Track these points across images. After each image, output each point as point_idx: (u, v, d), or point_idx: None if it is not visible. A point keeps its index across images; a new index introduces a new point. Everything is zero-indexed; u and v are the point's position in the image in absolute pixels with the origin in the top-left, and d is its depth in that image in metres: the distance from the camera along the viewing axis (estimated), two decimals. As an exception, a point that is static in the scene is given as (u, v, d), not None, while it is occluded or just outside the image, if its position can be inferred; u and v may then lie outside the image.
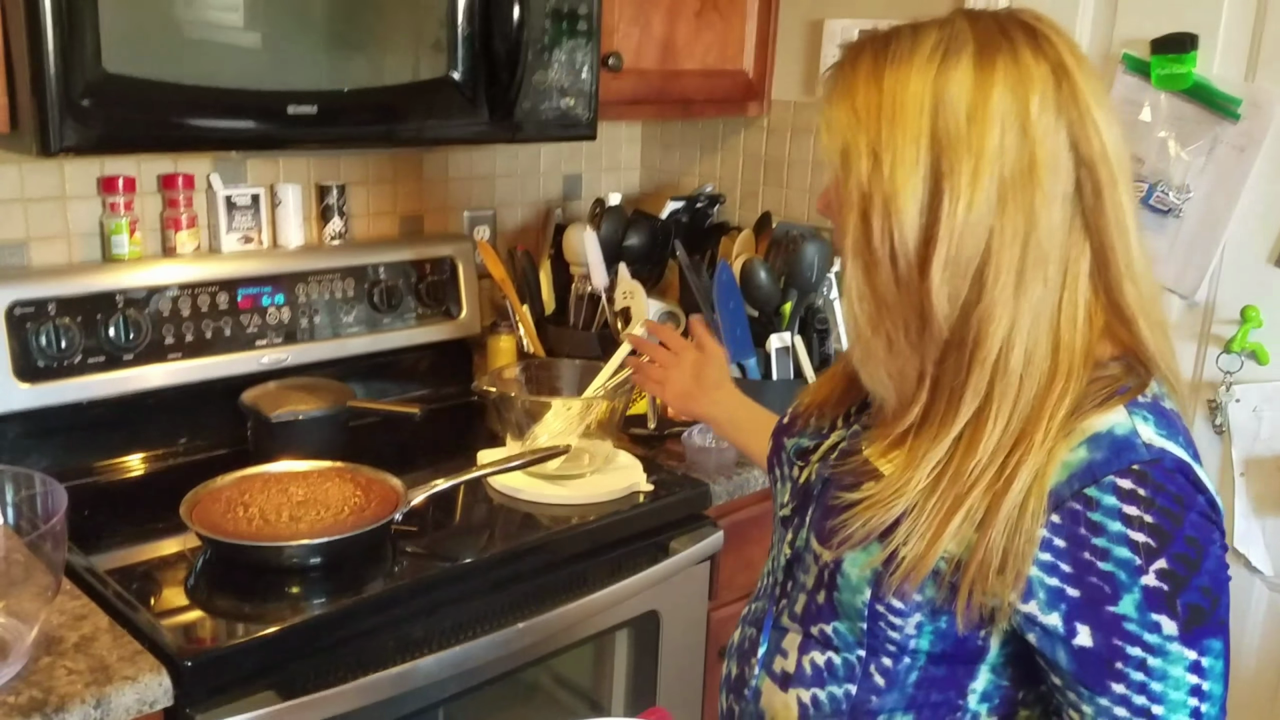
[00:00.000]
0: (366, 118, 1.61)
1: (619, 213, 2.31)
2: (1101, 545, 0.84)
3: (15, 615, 1.25)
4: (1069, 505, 0.85)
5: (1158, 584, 0.84)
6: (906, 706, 0.97)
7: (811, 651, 1.00)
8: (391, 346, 2.07)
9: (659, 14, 2.02)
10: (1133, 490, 0.84)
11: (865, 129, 0.88)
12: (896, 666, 0.96)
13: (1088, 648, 0.86)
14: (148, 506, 1.64)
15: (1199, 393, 1.77)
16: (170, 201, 1.86)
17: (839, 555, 0.95)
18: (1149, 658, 0.85)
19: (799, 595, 1.02)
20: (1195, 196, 1.72)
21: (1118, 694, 0.86)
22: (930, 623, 0.92)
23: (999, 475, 0.87)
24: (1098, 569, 0.85)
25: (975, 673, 0.95)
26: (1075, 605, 0.86)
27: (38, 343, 1.67)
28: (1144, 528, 0.84)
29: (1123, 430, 0.86)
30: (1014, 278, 0.86)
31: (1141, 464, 0.85)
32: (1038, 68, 0.86)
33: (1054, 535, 0.85)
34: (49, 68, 1.31)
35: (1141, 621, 0.84)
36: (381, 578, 1.49)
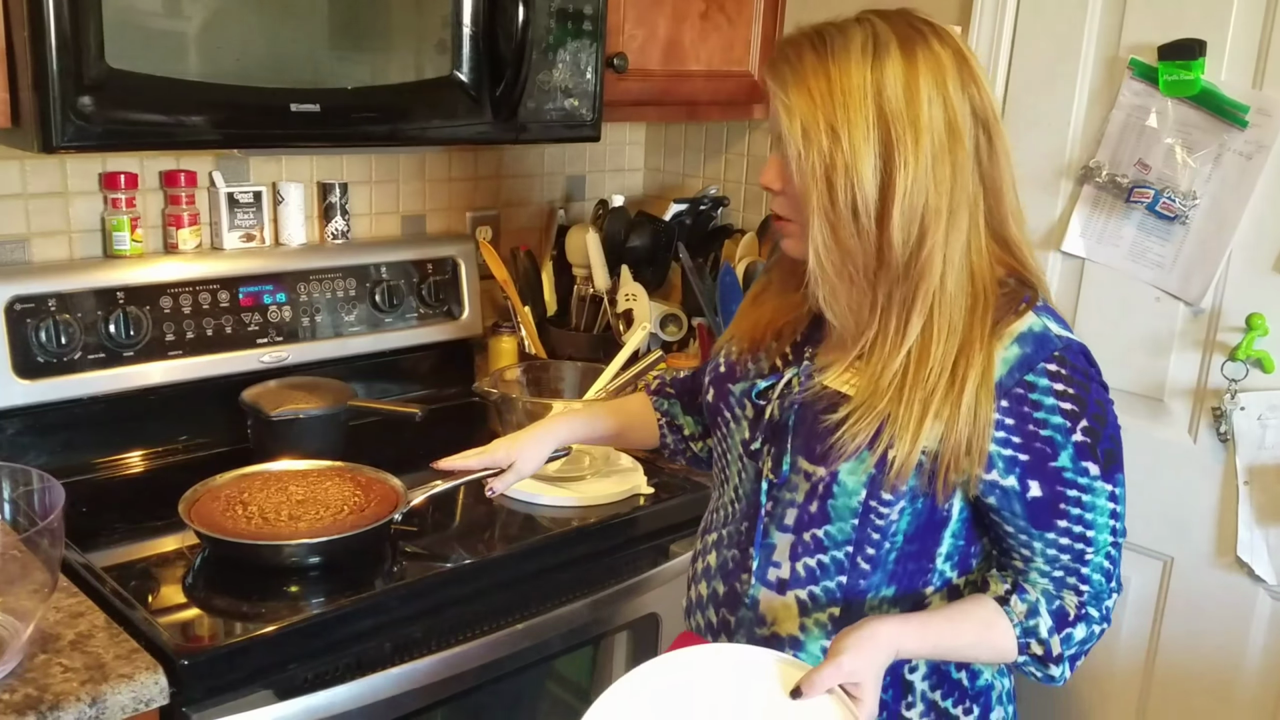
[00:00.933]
0: (370, 117, 1.61)
1: (622, 214, 2.31)
2: (1041, 417, 1.11)
3: (11, 612, 1.25)
4: (1014, 391, 1.11)
5: (1083, 439, 1.12)
6: (888, 582, 1.19)
7: (803, 557, 1.20)
8: (393, 346, 2.06)
9: (664, 15, 2.02)
10: (1057, 371, 1.11)
11: (822, 111, 1.08)
12: (879, 552, 1.17)
13: (1038, 497, 1.13)
14: (146, 504, 1.63)
15: (1204, 401, 1.76)
16: (172, 199, 1.85)
17: (834, 469, 1.15)
18: (1082, 495, 1.13)
19: (787, 510, 1.21)
20: (1202, 203, 1.72)
21: (1061, 528, 1.14)
22: (910, 506, 1.15)
23: (952, 380, 1.10)
24: (1040, 436, 1.11)
25: (940, 540, 1.19)
26: (1026, 466, 1.12)
27: (38, 339, 1.66)
28: (1068, 398, 1.11)
29: (1038, 328, 1.13)
30: (946, 220, 1.10)
31: (1059, 351, 1.12)
32: (945, 54, 1.10)
33: (1004, 416, 1.11)
34: (51, 63, 1.31)
35: (1075, 469, 1.12)
36: (381, 578, 1.48)
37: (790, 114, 1.10)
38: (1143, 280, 1.79)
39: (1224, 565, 1.77)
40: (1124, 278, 1.81)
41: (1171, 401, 1.79)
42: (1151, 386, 1.81)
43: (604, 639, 1.73)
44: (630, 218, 2.32)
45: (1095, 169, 1.81)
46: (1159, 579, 1.85)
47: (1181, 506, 1.79)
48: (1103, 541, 1.16)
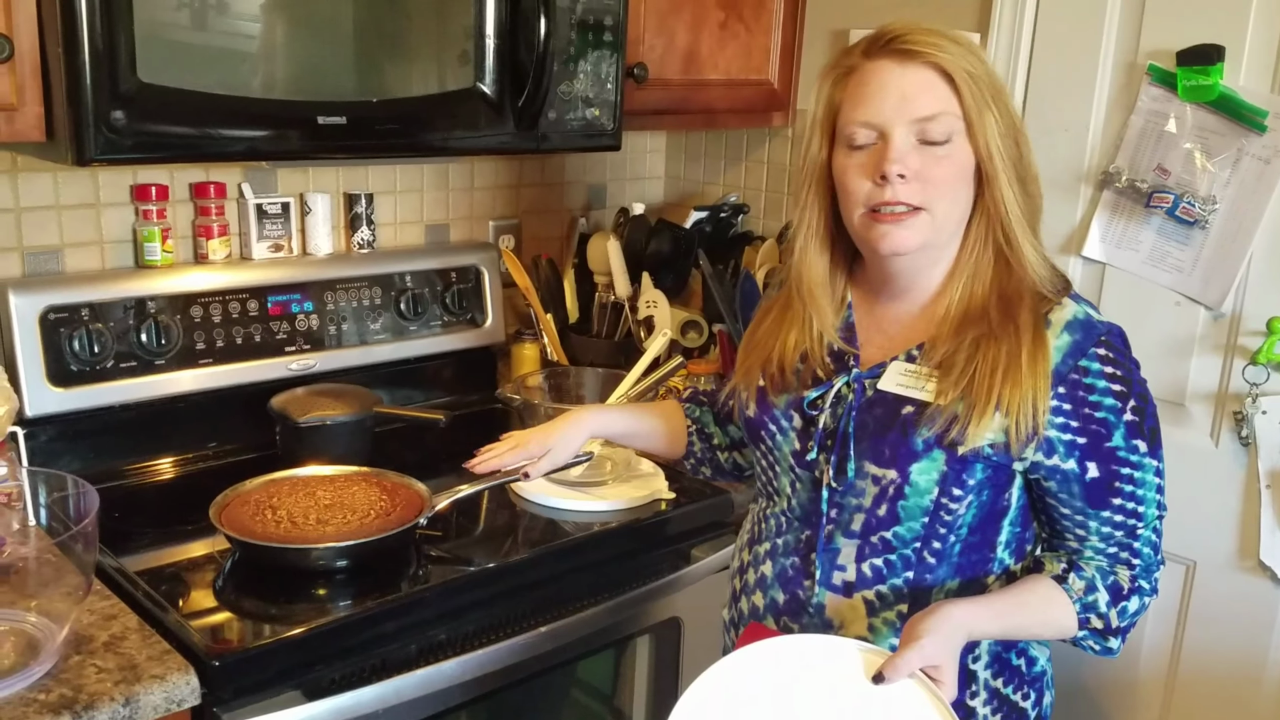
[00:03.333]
0: (395, 129, 1.63)
1: (643, 222, 2.32)
2: (1095, 400, 1.16)
3: (46, 614, 1.28)
4: (1070, 377, 1.16)
5: (1133, 418, 1.17)
6: (953, 574, 1.23)
7: (870, 558, 1.23)
8: (417, 354, 2.08)
9: (684, 25, 2.03)
10: (1106, 354, 1.17)
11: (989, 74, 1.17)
12: (944, 546, 1.21)
13: (1095, 478, 1.18)
14: (177, 509, 1.66)
15: (1225, 404, 1.76)
16: (202, 210, 1.89)
17: (906, 470, 1.18)
18: (1134, 473, 1.19)
19: (853, 516, 1.23)
20: (1221, 208, 1.71)
21: (1116, 505, 1.19)
22: (976, 499, 1.20)
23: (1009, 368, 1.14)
24: (1095, 418, 1.16)
25: (1000, 529, 1.23)
26: (1084, 449, 1.17)
27: (71, 347, 1.70)
28: (1117, 380, 1.17)
29: (1082, 315, 1.19)
30: None
31: (1105, 335, 1.18)
32: None
33: (1062, 402, 1.16)
34: (85, 78, 1.34)
35: (1128, 448, 1.18)
36: (406, 581, 1.50)
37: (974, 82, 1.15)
38: (1163, 285, 1.79)
39: (1247, 569, 1.76)
40: (1144, 282, 1.81)
41: (1193, 406, 1.79)
42: (1173, 391, 1.81)
43: (626, 643, 1.75)
44: (651, 225, 2.33)
45: (1114, 174, 1.82)
46: (1181, 584, 1.84)
47: (1203, 511, 1.79)
48: (1150, 516, 1.21)
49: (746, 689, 1.10)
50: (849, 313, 1.30)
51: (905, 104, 1.15)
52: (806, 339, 1.28)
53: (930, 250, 1.20)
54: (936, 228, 1.18)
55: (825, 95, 1.22)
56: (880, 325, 1.28)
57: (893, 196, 1.15)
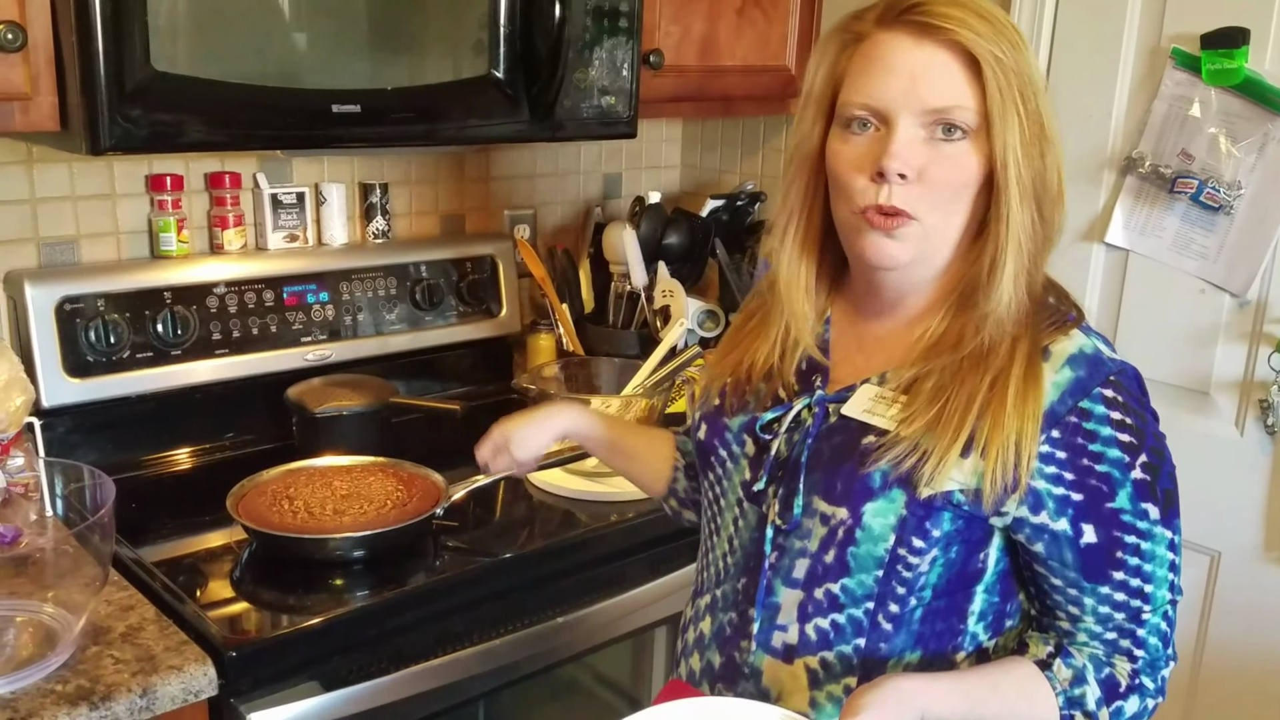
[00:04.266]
0: (409, 117, 1.62)
1: (659, 211, 2.31)
2: (1097, 450, 0.96)
3: (64, 605, 1.28)
4: (1067, 420, 0.96)
5: (1142, 476, 0.97)
6: (914, 645, 1.03)
7: (814, 618, 1.04)
8: (433, 344, 2.08)
9: (700, 11, 2.02)
10: (1114, 398, 0.97)
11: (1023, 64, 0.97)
12: (903, 610, 1.02)
13: (1093, 544, 0.97)
14: (194, 500, 1.66)
15: (1250, 393, 1.73)
16: (217, 200, 1.88)
17: (859, 510, 0.99)
18: (1142, 543, 0.98)
19: (796, 561, 1.04)
20: (1246, 193, 1.69)
21: (1118, 580, 0.99)
22: (943, 555, 1.00)
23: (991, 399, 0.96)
24: (1096, 472, 0.96)
25: (973, 596, 1.03)
26: (1080, 507, 0.97)
27: (87, 338, 1.70)
28: (1126, 429, 0.97)
29: (1090, 349, 0.99)
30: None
31: (1114, 374, 0.98)
32: None
33: (1055, 449, 0.96)
34: (98, 67, 1.33)
35: (1134, 511, 0.97)
36: (423, 571, 1.50)
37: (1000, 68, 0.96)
38: (1187, 272, 1.77)
39: (1273, 559, 1.74)
40: (1168, 269, 1.79)
41: (1217, 394, 1.77)
42: (1197, 379, 1.78)
43: (642, 634, 1.74)
44: (667, 214, 2.32)
45: (1138, 160, 1.79)
46: (1206, 575, 1.82)
47: (1228, 500, 1.77)
48: (1161, 599, 1.00)
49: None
50: (826, 328, 1.11)
51: (915, 89, 0.96)
52: (776, 352, 1.10)
53: (922, 264, 1.01)
54: (930, 240, 0.99)
55: (828, 63, 1.03)
56: (860, 344, 1.09)
57: (888, 199, 0.97)
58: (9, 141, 1.66)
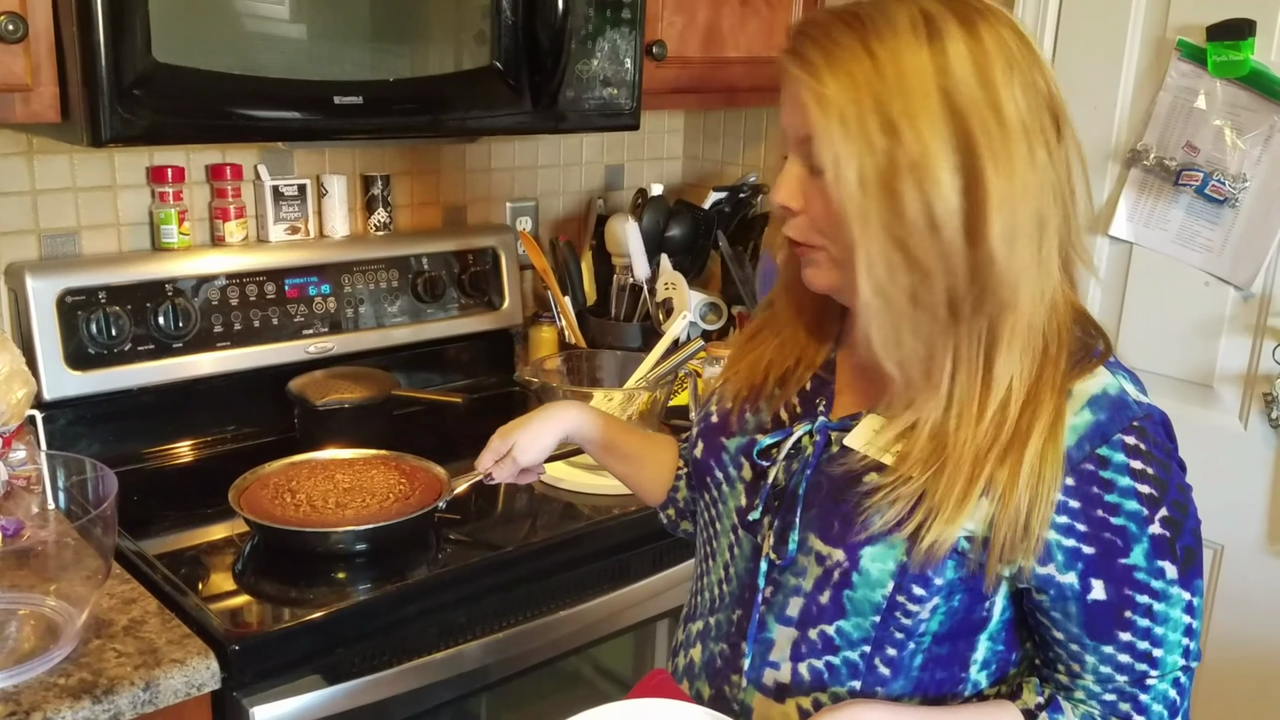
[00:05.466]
0: (411, 108, 1.62)
1: (661, 203, 2.30)
2: (1113, 501, 0.89)
3: (66, 598, 1.27)
4: (1083, 467, 0.89)
5: (1162, 531, 0.90)
6: (913, 691, 0.98)
7: (809, 658, 0.99)
8: (434, 336, 2.08)
9: (703, 2, 2.00)
10: (1136, 445, 0.90)
11: (871, 100, 0.85)
12: (902, 654, 0.97)
13: (1101, 600, 0.91)
14: (196, 492, 1.66)
15: (1254, 386, 1.73)
16: (218, 192, 1.88)
17: (856, 553, 0.94)
18: (1155, 603, 0.91)
19: (790, 599, 1.00)
20: (1252, 186, 1.69)
21: (1124, 641, 0.92)
22: (945, 604, 0.94)
23: (1011, 445, 0.88)
24: (1111, 524, 0.89)
25: (976, 644, 0.98)
26: (1091, 561, 0.90)
27: (88, 330, 1.69)
28: (1147, 479, 0.89)
29: (1114, 390, 0.91)
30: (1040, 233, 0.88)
31: (1139, 420, 0.90)
32: (1008, 34, 0.88)
33: (1068, 498, 0.89)
34: (100, 58, 1.33)
35: (1150, 569, 0.90)
36: (425, 564, 1.50)
37: (825, 106, 0.86)
38: (1192, 264, 1.76)
39: (1276, 552, 1.74)
40: (1172, 262, 1.78)
41: (1221, 387, 1.77)
42: (1201, 372, 1.78)
43: (645, 627, 1.74)
44: (669, 206, 2.31)
45: (1143, 152, 1.79)
46: (1209, 568, 1.82)
47: (1232, 494, 1.77)
48: (1171, 664, 0.93)
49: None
50: (833, 350, 1.06)
51: (788, 122, 0.92)
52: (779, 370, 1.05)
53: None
54: (850, 265, 0.89)
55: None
56: (864, 370, 1.00)
57: (788, 230, 0.95)
58: (10, 133, 1.66)
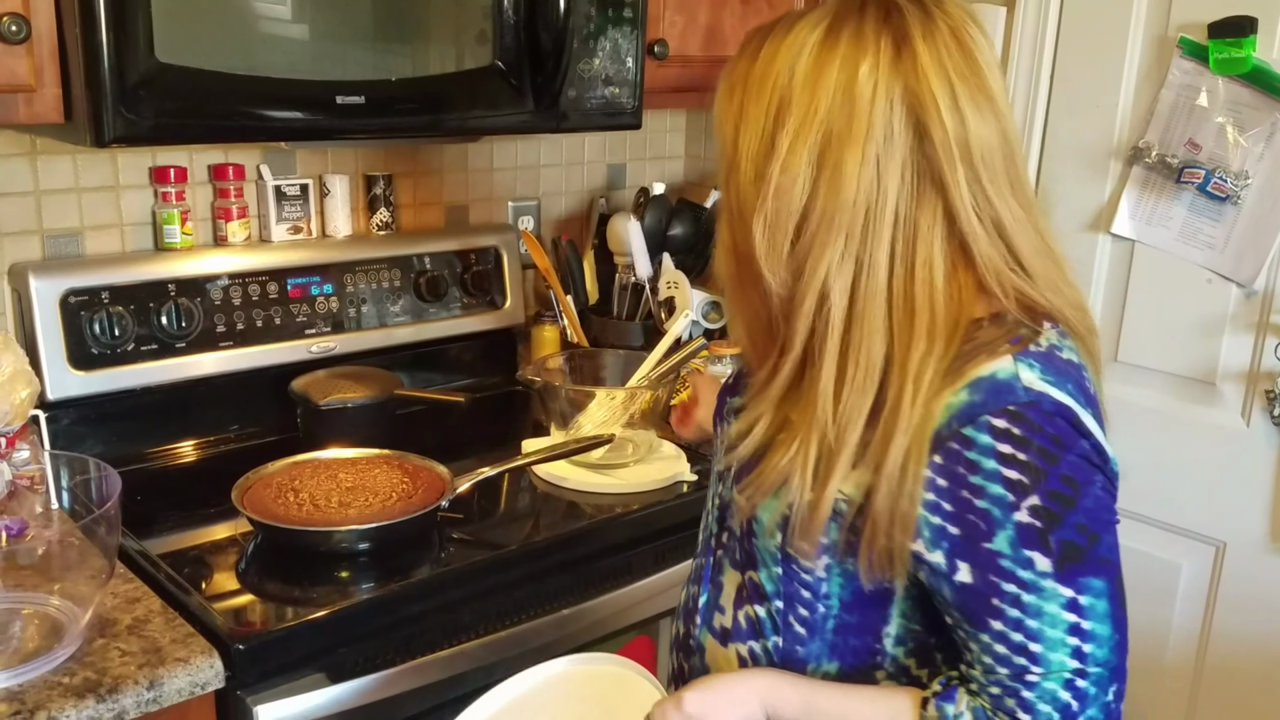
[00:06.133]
0: (413, 107, 1.62)
1: (663, 202, 2.30)
2: (977, 483, 0.88)
3: (70, 598, 1.28)
4: (949, 445, 0.89)
5: (1030, 520, 0.88)
6: (830, 655, 1.01)
7: (745, 606, 1.05)
8: (437, 336, 2.08)
9: (705, 1, 2.01)
10: (1007, 429, 0.88)
11: (733, 96, 0.95)
12: (813, 616, 1.00)
13: (967, 584, 0.90)
14: (199, 492, 1.66)
15: (1256, 383, 1.73)
16: (221, 192, 1.88)
17: (753, 501, 1.00)
18: (1023, 594, 0.89)
19: (735, 544, 1.07)
20: (1254, 183, 1.69)
21: (996, 630, 0.90)
22: (838, 565, 0.97)
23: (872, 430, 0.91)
24: (975, 506, 0.89)
25: (887, 617, 0.99)
26: (956, 542, 0.90)
27: (91, 330, 1.69)
28: (1017, 465, 0.87)
29: (1005, 375, 0.90)
30: (828, 234, 0.91)
31: (1017, 405, 0.88)
32: (879, 38, 0.90)
33: (936, 475, 0.89)
34: (102, 58, 1.33)
35: (1015, 558, 0.88)
36: (429, 563, 1.50)
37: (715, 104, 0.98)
38: (1194, 262, 1.76)
39: (1278, 550, 1.74)
40: (1175, 260, 1.78)
41: (1224, 385, 1.77)
42: (1204, 370, 1.78)
43: (648, 625, 1.74)
44: (671, 205, 2.31)
45: (1145, 149, 1.79)
46: (1211, 565, 1.82)
47: (1234, 491, 1.77)
48: (1056, 664, 0.90)
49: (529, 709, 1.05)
50: None
51: None
52: None
53: None
54: None
55: None
56: None
57: None
58: (13, 134, 1.66)
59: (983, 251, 0.93)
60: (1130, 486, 1.86)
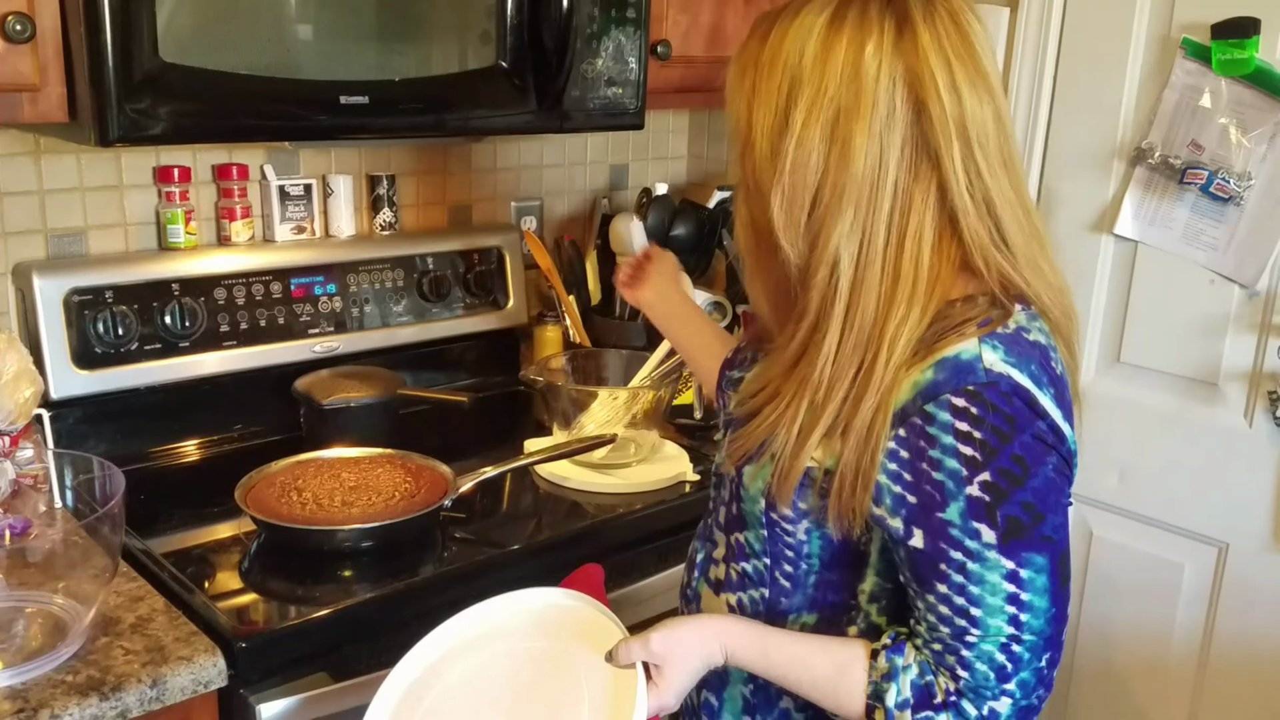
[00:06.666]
0: (417, 108, 1.62)
1: (666, 202, 2.30)
2: (935, 456, 0.95)
3: (73, 596, 1.28)
4: (912, 420, 0.95)
5: (980, 495, 0.94)
6: (810, 607, 1.08)
7: (734, 561, 1.13)
8: (439, 336, 2.08)
9: (708, 1, 2.01)
10: (965, 408, 0.94)
11: (746, 77, 1.01)
12: (796, 572, 1.08)
13: (919, 549, 0.97)
14: (203, 491, 1.66)
15: (1259, 384, 1.73)
16: (225, 191, 1.88)
17: (740, 468, 1.08)
18: (968, 562, 0.95)
19: (721, 508, 1.16)
20: (1257, 184, 1.69)
21: (941, 593, 0.97)
22: (817, 529, 1.04)
23: (849, 392, 0.97)
24: (931, 478, 0.95)
25: (863, 575, 1.06)
26: (912, 510, 0.97)
27: (95, 330, 1.70)
28: (972, 442, 0.93)
29: (968, 356, 0.95)
30: (839, 206, 0.96)
31: (977, 385, 0.94)
32: (882, 20, 0.96)
33: (899, 447, 0.96)
34: (107, 58, 1.33)
35: (964, 528, 0.95)
36: (431, 563, 1.50)
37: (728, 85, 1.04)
38: (1197, 263, 1.76)
39: (1281, 552, 1.74)
40: (1177, 260, 1.78)
41: (1226, 386, 1.77)
42: (1206, 371, 1.78)
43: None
44: (674, 206, 2.31)
45: (1148, 150, 1.79)
46: (1213, 566, 1.82)
47: (1237, 492, 1.77)
48: (994, 628, 0.96)
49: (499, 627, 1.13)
50: None
51: None
52: None
53: None
54: None
55: None
56: None
57: None
58: (17, 132, 1.67)
59: (971, 226, 0.98)
60: (1133, 487, 1.87)
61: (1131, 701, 1.95)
